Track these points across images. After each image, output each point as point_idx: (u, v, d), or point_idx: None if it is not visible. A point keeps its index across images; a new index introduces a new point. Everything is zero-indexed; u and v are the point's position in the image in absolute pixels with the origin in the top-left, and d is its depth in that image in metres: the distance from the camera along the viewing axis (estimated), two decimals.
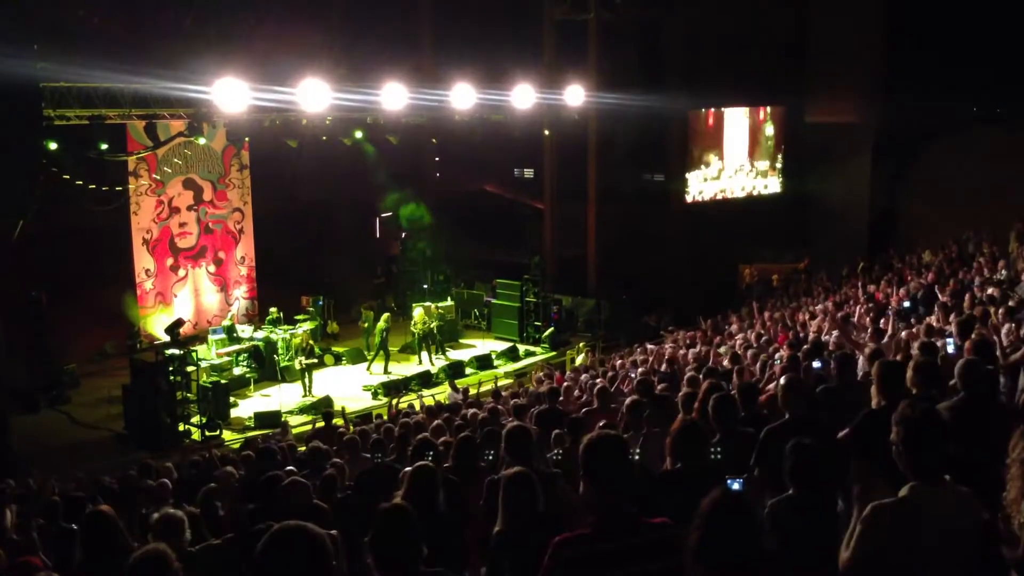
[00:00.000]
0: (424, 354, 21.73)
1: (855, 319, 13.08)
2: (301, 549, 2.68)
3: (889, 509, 3.37)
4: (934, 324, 10.55)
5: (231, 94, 17.05)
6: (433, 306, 22.27)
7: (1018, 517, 2.76)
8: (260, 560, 2.68)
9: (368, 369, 21.11)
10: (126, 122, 18.43)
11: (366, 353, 22.07)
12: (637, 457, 6.00)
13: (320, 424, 14.93)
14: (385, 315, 21.58)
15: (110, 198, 19.52)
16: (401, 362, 21.77)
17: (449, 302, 24.36)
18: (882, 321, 11.81)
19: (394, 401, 17.17)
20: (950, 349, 8.40)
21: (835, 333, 11.70)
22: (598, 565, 3.07)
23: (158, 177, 21.37)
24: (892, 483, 3.48)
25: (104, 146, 17.45)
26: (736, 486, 4.25)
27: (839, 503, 4.78)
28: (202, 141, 19.41)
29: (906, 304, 13.85)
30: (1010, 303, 10.66)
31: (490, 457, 6.69)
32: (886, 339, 10.38)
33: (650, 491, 4.47)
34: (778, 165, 28.89)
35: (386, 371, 20.88)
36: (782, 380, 5.91)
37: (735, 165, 28.18)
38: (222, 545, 5.28)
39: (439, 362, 21.62)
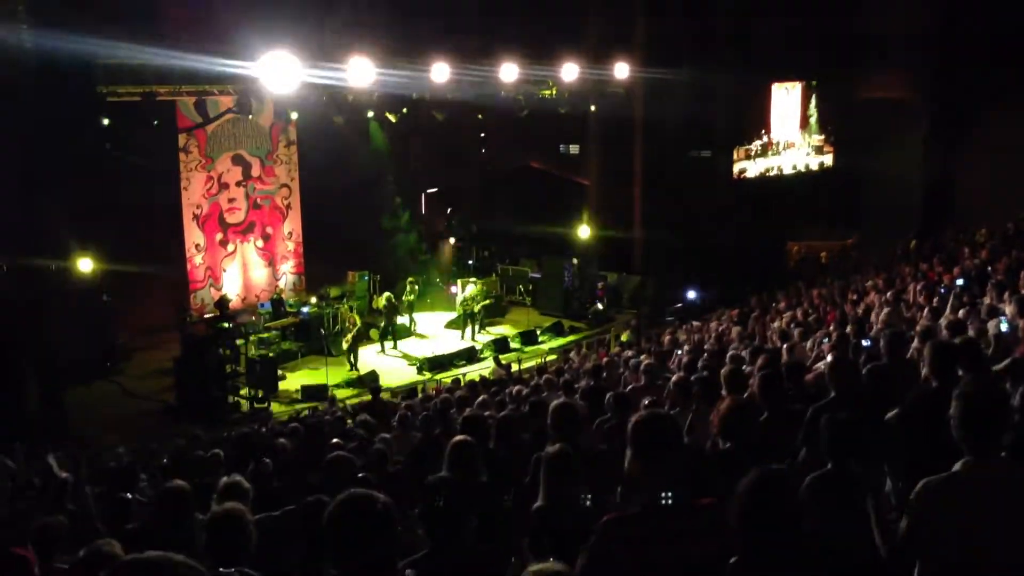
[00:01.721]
0: (468, 330, 21.91)
1: (908, 297, 12.89)
2: (369, 515, 2.76)
3: (940, 485, 3.34)
4: (988, 302, 10.36)
5: (279, 70, 17.16)
6: (482, 283, 22.44)
7: None
8: (330, 526, 2.75)
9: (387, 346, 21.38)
10: (176, 99, 18.67)
11: (409, 326, 22.35)
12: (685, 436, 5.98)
13: (367, 398, 15.06)
14: (409, 282, 21.89)
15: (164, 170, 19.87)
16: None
17: (493, 278, 24.42)
18: (935, 300, 11.63)
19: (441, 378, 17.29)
20: (1003, 328, 8.26)
21: (886, 311, 11.53)
22: (648, 546, 3.07)
23: (208, 153, 21.60)
24: (943, 462, 3.44)
25: (155, 122, 17.71)
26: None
27: (887, 482, 4.75)
28: (250, 116, 19.55)
29: (959, 282, 13.61)
30: None
31: (534, 434, 6.72)
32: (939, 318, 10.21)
33: (699, 470, 4.46)
34: (829, 141, 28.45)
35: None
36: (828, 358, 5.84)
37: (784, 141, 27.81)
38: (281, 516, 5.37)
39: (481, 338, 21.76)
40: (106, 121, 16.33)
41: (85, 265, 18.79)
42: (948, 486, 3.31)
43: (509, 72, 21.08)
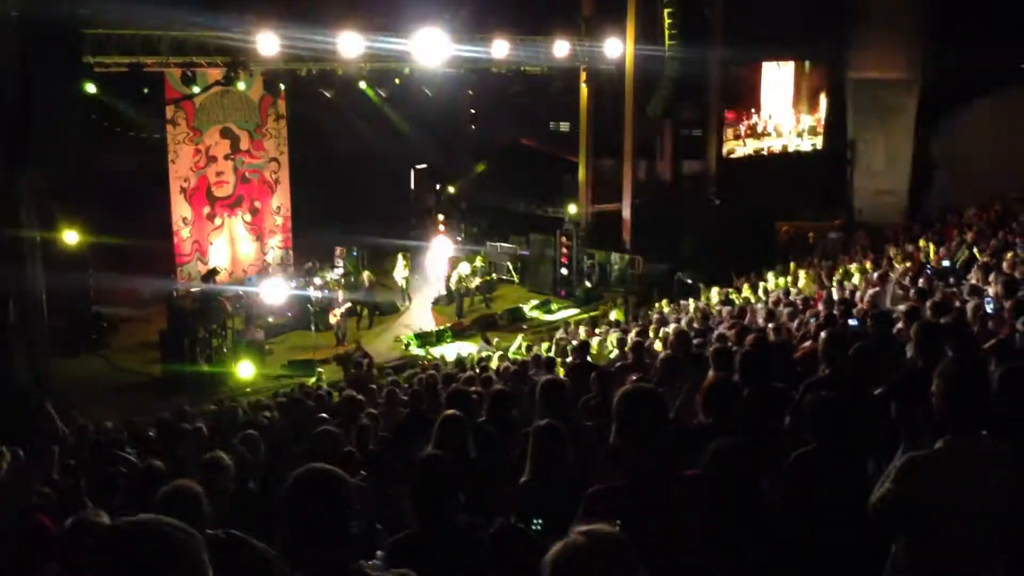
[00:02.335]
0: (459, 307, 21.93)
1: (894, 278, 12.93)
2: (322, 491, 2.72)
3: (923, 461, 3.37)
4: (974, 283, 10.42)
5: (267, 42, 17.04)
6: (478, 261, 22.56)
7: None
8: (284, 501, 2.72)
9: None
10: (164, 70, 18.50)
11: (400, 305, 22.35)
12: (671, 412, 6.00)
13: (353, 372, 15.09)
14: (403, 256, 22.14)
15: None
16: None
17: (483, 253, 24.48)
18: (921, 280, 11.68)
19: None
20: (988, 308, 8.30)
21: (872, 291, 11.58)
22: (632, 517, 3.08)
23: (196, 126, 21.43)
24: (927, 439, 3.48)
25: (145, 90, 17.56)
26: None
27: (869, 462, 4.78)
28: (241, 86, 19.36)
29: (945, 263, 13.69)
30: None
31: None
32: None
33: (683, 445, 4.48)
34: (819, 121, 28.40)
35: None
36: (822, 335, 5.83)
37: (775, 121, 27.75)
38: (257, 490, 5.37)
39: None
40: (92, 89, 16.15)
41: (71, 237, 18.71)
42: (931, 463, 3.34)
43: (501, 48, 20.95)
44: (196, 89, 19.08)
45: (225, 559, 3.58)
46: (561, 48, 22.26)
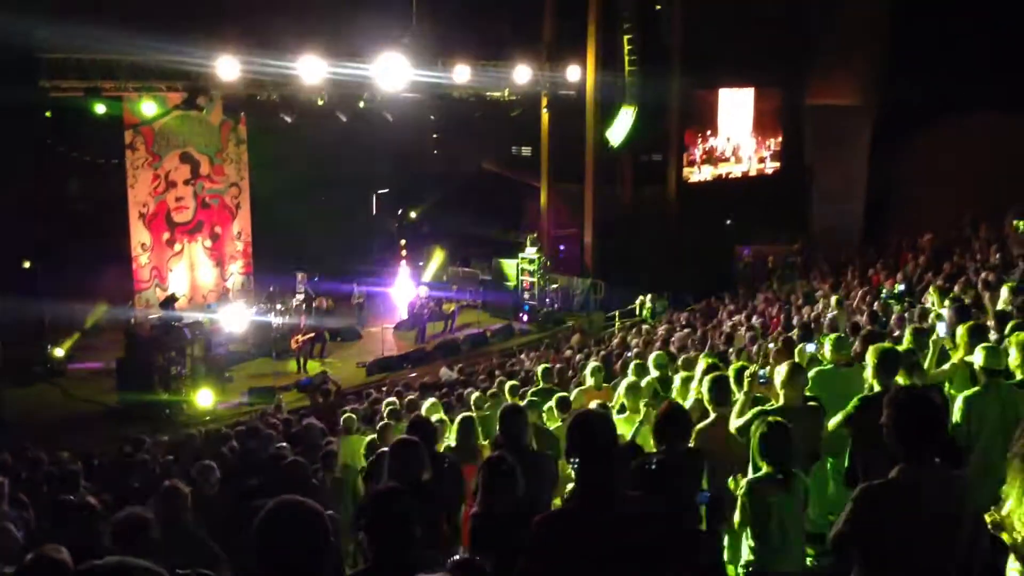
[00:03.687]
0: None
1: (852, 303, 13.09)
2: (300, 523, 2.65)
3: (878, 490, 3.40)
4: (928, 307, 10.56)
5: (227, 67, 16.97)
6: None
7: (1019, 529, 2.42)
8: (259, 534, 2.65)
9: None
10: (123, 94, 18.34)
11: (360, 330, 22.24)
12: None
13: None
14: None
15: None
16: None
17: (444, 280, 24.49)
18: (876, 304, 11.84)
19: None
20: (941, 333, 8.40)
21: (831, 315, 11.69)
22: (579, 540, 3.10)
23: (155, 150, 21.22)
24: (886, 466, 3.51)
25: (102, 110, 17.38)
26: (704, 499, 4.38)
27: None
28: (203, 111, 19.24)
29: (900, 288, 13.88)
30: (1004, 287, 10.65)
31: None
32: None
33: (633, 474, 4.51)
34: (777, 147, 28.80)
35: None
36: (783, 368, 5.81)
37: (733, 146, 28.10)
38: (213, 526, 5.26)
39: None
40: (48, 114, 15.98)
41: (25, 264, 18.43)
42: (885, 492, 3.37)
43: (462, 73, 21.03)
44: (154, 107, 18.92)
45: None
46: (522, 74, 22.40)
